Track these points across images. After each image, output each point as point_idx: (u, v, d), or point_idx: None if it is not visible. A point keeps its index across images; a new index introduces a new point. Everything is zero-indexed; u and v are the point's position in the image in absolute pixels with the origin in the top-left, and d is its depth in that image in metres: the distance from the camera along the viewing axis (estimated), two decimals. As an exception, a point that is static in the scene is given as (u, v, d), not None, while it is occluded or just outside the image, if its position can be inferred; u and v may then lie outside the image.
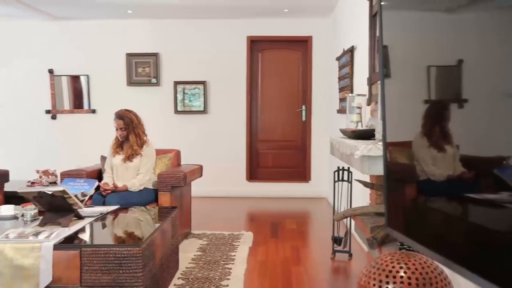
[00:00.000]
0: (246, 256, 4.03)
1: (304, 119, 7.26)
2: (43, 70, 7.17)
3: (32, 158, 6.92)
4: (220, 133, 7.21)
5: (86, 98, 7.24)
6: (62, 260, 2.51)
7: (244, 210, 6.44)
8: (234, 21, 7.11)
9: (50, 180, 4.79)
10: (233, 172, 7.20)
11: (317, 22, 7.08)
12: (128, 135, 4.18)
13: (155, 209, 3.80)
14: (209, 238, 4.61)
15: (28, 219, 3.08)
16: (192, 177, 4.52)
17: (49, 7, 6.47)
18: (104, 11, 6.70)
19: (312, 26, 7.11)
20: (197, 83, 7.15)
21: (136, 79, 7.18)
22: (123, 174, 4.18)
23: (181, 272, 3.56)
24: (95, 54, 7.17)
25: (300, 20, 7.07)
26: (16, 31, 7.15)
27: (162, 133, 6.40)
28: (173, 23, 7.14)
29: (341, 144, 3.01)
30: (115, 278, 2.51)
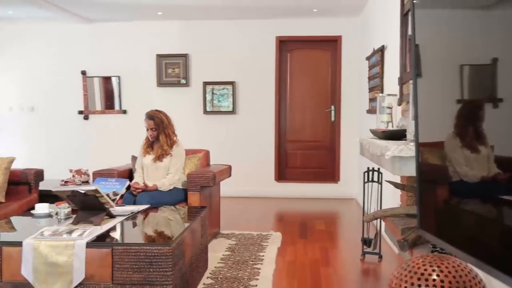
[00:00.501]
0: (275, 257, 4.02)
1: (333, 119, 7.21)
2: (76, 71, 7.33)
3: (65, 157, 7.08)
4: (249, 133, 7.23)
5: (117, 99, 7.36)
6: (94, 258, 2.56)
7: (273, 210, 6.43)
8: (263, 21, 7.12)
9: (83, 179, 4.89)
10: (262, 172, 7.21)
11: (346, 22, 7.02)
12: (158, 135, 4.23)
13: (185, 208, 3.84)
14: (238, 238, 4.62)
15: (62, 217, 3.15)
16: (221, 177, 4.55)
17: (82, 10, 6.61)
18: (135, 13, 6.81)
19: (341, 26, 7.05)
20: (226, 84, 7.18)
21: (166, 79, 7.26)
22: (153, 174, 4.23)
23: (210, 272, 3.58)
24: (126, 56, 7.29)
25: (329, 19, 7.02)
26: (51, 34, 7.33)
27: (191, 133, 6.45)
28: (202, 24, 7.19)
29: (371, 144, 2.97)
30: (146, 276, 2.55)
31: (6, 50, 7.38)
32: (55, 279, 2.53)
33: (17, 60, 7.39)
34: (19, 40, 7.36)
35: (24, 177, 4.32)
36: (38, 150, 7.31)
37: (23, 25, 7.29)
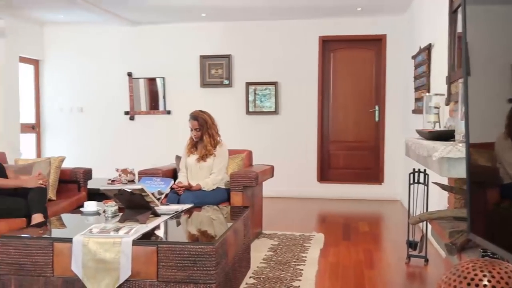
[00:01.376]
0: (317, 258, 3.99)
1: (377, 119, 7.09)
2: (123, 73, 7.52)
3: (112, 157, 7.28)
4: (291, 133, 7.21)
5: (161, 100, 7.50)
6: (140, 255, 2.61)
7: (315, 211, 6.39)
8: (306, 21, 7.08)
9: (129, 179, 5.00)
10: (304, 173, 7.17)
11: (391, 20, 6.89)
12: (202, 135, 4.28)
13: (227, 208, 3.87)
14: (280, 238, 4.62)
15: (109, 215, 3.24)
16: (263, 177, 4.56)
17: (129, 13, 6.78)
18: (179, 15, 6.92)
19: (386, 24, 6.93)
20: (269, 84, 7.19)
21: (209, 80, 7.34)
22: (197, 174, 4.29)
23: (252, 271, 3.59)
24: (170, 57, 7.42)
25: (374, 18, 6.91)
26: (99, 37, 7.56)
27: (234, 134, 6.49)
28: (245, 25, 7.23)
29: (418, 145, 2.90)
30: (190, 274, 2.58)
31: (57, 53, 7.66)
32: (103, 275, 2.61)
33: (67, 63, 7.65)
34: (68, 43, 7.62)
35: (74, 176, 4.46)
36: (86, 149, 7.54)
37: (73, 28, 7.54)
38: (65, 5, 6.30)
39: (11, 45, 6.88)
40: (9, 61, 6.88)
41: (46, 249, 2.65)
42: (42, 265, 2.65)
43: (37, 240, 2.71)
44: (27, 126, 7.50)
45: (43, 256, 2.65)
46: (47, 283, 2.65)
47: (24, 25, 7.18)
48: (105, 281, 2.60)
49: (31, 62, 7.59)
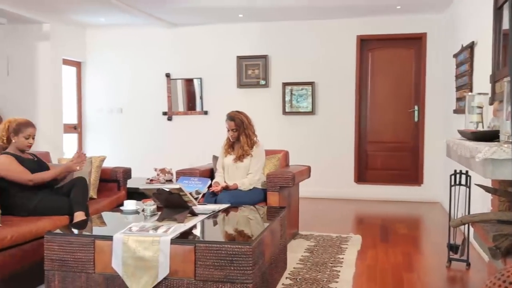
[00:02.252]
0: (355, 260, 3.94)
1: (416, 119, 6.95)
2: (161, 74, 7.64)
3: (150, 157, 7.40)
4: (328, 134, 7.15)
5: (198, 100, 7.58)
6: (178, 254, 2.64)
7: (352, 212, 6.32)
8: (344, 20, 7.01)
9: (167, 178, 5.06)
10: (341, 173, 7.10)
11: (432, 18, 6.74)
12: (239, 136, 4.30)
13: (264, 208, 3.87)
14: (317, 239, 4.58)
15: (148, 214, 3.29)
16: (300, 178, 4.54)
17: (167, 14, 6.89)
18: (216, 16, 6.97)
19: (426, 23, 6.78)
20: (305, 84, 7.15)
21: (246, 81, 7.37)
22: (233, 174, 4.31)
23: (289, 272, 3.58)
24: (207, 58, 7.48)
25: (414, 16, 6.77)
26: (138, 38, 7.70)
27: (270, 134, 6.49)
28: (282, 25, 7.22)
29: (460, 146, 2.82)
30: (227, 274, 2.59)
31: (98, 55, 7.85)
32: (142, 273, 2.65)
33: (107, 64, 7.84)
34: (109, 45, 7.80)
35: (114, 175, 4.55)
36: (126, 149, 7.70)
37: (113, 31, 7.72)
38: (106, 8, 6.45)
39: (55, 48, 7.11)
40: (53, 63, 7.11)
41: (87, 246, 2.72)
42: (84, 261, 2.72)
43: (79, 238, 2.78)
44: (69, 126, 7.72)
45: (85, 253, 2.72)
46: (88, 279, 2.72)
47: (67, 28, 7.40)
48: (144, 279, 2.64)
49: (74, 64, 7.81)
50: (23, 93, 7.04)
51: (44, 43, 7.02)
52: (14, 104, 6.96)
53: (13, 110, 6.80)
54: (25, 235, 3.12)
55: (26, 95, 7.04)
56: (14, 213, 3.50)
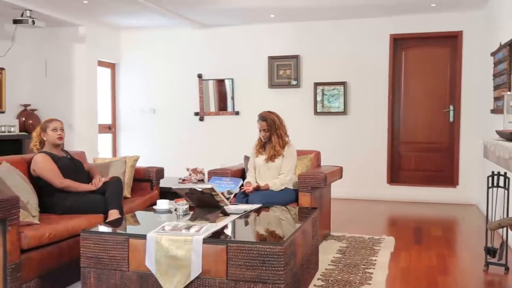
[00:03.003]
0: (388, 262, 3.89)
1: (451, 120, 6.79)
2: (193, 75, 7.71)
3: (182, 157, 7.48)
4: (360, 134, 7.07)
5: (230, 101, 7.62)
6: (210, 253, 2.66)
7: (385, 213, 6.23)
8: (377, 19, 6.92)
9: (198, 178, 5.10)
10: (373, 174, 7.01)
11: (468, 16, 6.58)
12: (270, 136, 4.29)
13: (295, 209, 3.85)
14: (349, 240, 4.54)
15: (180, 213, 3.32)
16: (332, 179, 4.50)
17: (199, 16, 6.95)
18: (248, 17, 6.99)
19: (462, 20, 6.62)
20: (337, 84, 7.09)
21: (277, 81, 7.36)
22: (265, 174, 4.31)
23: (320, 273, 3.55)
24: (239, 59, 7.51)
25: (449, 14, 6.63)
26: (170, 40, 7.80)
27: (302, 134, 6.45)
28: (313, 25, 7.18)
29: (498, 147, 2.75)
30: (259, 274, 2.59)
31: (132, 57, 7.99)
32: (175, 272, 2.68)
33: (140, 66, 7.96)
34: (142, 47, 7.93)
35: (147, 175, 4.62)
36: (158, 149, 7.80)
37: (147, 33, 7.83)
38: (140, 10, 6.56)
39: (90, 50, 7.27)
40: (88, 65, 7.27)
41: (122, 245, 2.77)
42: (118, 259, 2.77)
43: (114, 236, 2.83)
44: (104, 126, 7.88)
45: (119, 251, 2.77)
46: (123, 277, 2.77)
47: (102, 30, 7.55)
48: (177, 278, 2.67)
49: (108, 65, 7.97)
50: (59, 94, 7.23)
51: (80, 45, 7.19)
52: (51, 105, 7.16)
53: (50, 110, 6.99)
54: (62, 233, 3.20)
55: (63, 96, 7.23)
56: (52, 211, 3.59)
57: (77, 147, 6.60)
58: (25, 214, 3.13)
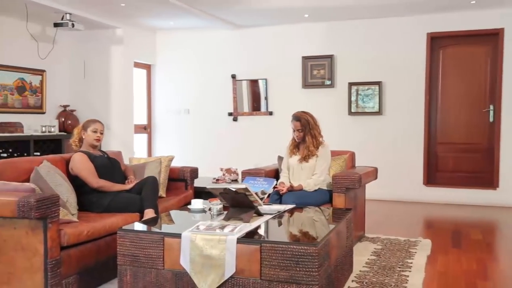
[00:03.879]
0: (424, 265, 3.80)
1: (491, 120, 6.60)
2: (227, 75, 7.76)
3: (216, 157, 7.54)
4: (396, 134, 6.96)
5: (263, 101, 7.62)
6: (244, 253, 2.66)
7: (421, 215, 6.10)
8: (413, 18, 6.80)
9: (232, 178, 5.12)
10: (409, 175, 6.89)
11: (510, 12, 6.38)
12: (304, 136, 4.27)
13: (329, 210, 3.82)
14: (384, 242, 4.47)
15: (215, 213, 3.34)
16: (366, 180, 4.44)
17: (233, 17, 6.98)
18: (282, 17, 6.98)
19: (504, 17, 6.43)
20: (372, 84, 7.00)
21: (311, 81, 7.32)
22: (299, 174, 4.28)
23: (355, 275, 3.51)
24: (272, 59, 7.51)
25: (490, 11, 6.44)
26: (205, 41, 7.86)
27: (336, 134, 6.41)
28: (348, 24, 7.11)
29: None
30: (292, 275, 2.58)
31: (167, 58, 8.10)
32: (209, 271, 2.70)
33: (175, 67, 8.06)
34: (177, 48, 8.03)
35: (182, 174, 4.67)
36: (192, 149, 7.89)
37: (181, 34, 7.93)
38: (175, 12, 6.65)
39: (127, 52, 7.41)
40: (125, 66, 7.42)
41: (157, 243, 2.81)
42: (154, 258, 2.81)
43: (150, 234, 2.87)
44: (139, 126, 8.02)
45: (155, 250, 2.81)
46: (158, 275, 2.81)
47: (138, 32, 7.69)
48: (211, 277, 2.69)
49: (144, 66, 8.11)
50: (97, 95, 7.41)
51: (117, 47, 7.34)
52: (89, 105, 7.34)
53: (88, 110, 7.18)
54: (99, 231, 3.27)
55: (100, 97, 7.40)
56: (90, 209, 3.68)
57: (113, 147, 6.74)
58: (65, 212, 3.22)
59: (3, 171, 3.35)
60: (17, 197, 2.83)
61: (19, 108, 6.66)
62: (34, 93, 6.88)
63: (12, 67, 6.52)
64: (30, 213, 2.77)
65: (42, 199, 2.82)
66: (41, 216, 2.81)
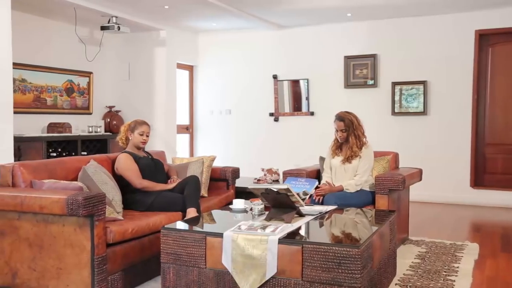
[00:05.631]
0: (472, 269, 3.69)
1: (543, 120, 6.33)
2: (268, 75, 7.76)
3: (257, 157, 7.56)
4: (441, 135, 6.78)
5: (304, 101, 7.58)
6: (285, 254, 2.66)
7: (468, 219, 5.91)
8: (460, 14, 6.60)
9: (273, 178, 5.13)
10: (455, 177, 6.69)
11: None
12: (348, 136, 4.21)
13: (372, 211, 3.76)
14: (428, 245, 4.36)
15: (256, 213, 3.35)
16: (411, 181, 4.35)
17: (275, 17, 6.99)
18: (324, 17, 6.93)
19: (556, 13, 6.16)
20: (417, 83, 6.85)
21: (353, 81, 7.23)
22: (341, 175, 4.24)
23: (398, 279, 3.44)
24: (314, 59, 7.47)
25: (541, 6, 6.19)
26: (246, 41, 7.90)
27: (378, 135, 6.31)
28: (392, 23, 6.99)
29: None
30: (334, 276, 2.56)
31: (209, 59, 8.19)
32: (250, 271, 2.71)
33: (217, 67, 8.14)
34: (219, 49, 8.10)
35: (223, 174, 4.70)
36: (233, 149, 7.94)
37: (223, 35, 8.00)
38: (218, 13, 6.71)
39: (170, 53, 7.54)
40: (168, 67, 7.55)
41: (199, 242, 2.84)
42: (196, 256, 2.84)
43: (192, 233, 2.91)
44: (182, 127, 8.14)
45: (197, 248, 2.84)
46: (200, 274, 2.84)
47: (181, 34, 7.81)
48: (252, 277, 2.70)
49: (186, 68, 8.23)
50: (141, 96, 7.57)
51: (160, 48, 7.48)
52: (133, 106, 7.51)
53: (133, 111, 7.34)
54: (143, 229, 3.34)
55: (144, 98, 7.56)
56: (134, 207, 3.76)
57: (156, 147, 6.88)
58: (110, 210, 3.31)
59: (54, 170, 3.48)
60: (66, 195, 2.92)
61: (67, 109, 6.89)
62: (81, 95, 7.10)
63: (61, 69, 6.75)
64: (78, 211, 2.86)
65: (89, 197, 2.90)
66: (88, 213, 2.89)
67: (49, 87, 6.61)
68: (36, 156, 5.80)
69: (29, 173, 3.31)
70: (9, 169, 3.30)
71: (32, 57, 6.32)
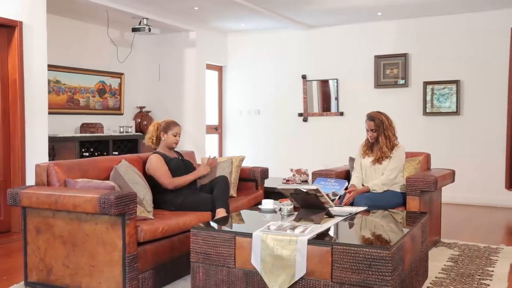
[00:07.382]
0: (507, 274, 3.59)
1: None
2: (297, 76, 7.74)
3: (286, 157, 7.54)
4: (475, 135, 6.62)
5: (334, 101, 7.53)
6: (315, 254, 2.64)
7: (503, 221, 5.76)
8: (494, 12, 6.44)
9: (302, 179, 5.11)
10: (489, 179, 6.53)
11: None
12: (378, 136, 4.16)
13: (403, 213, 3.70)
14: (461, 248, 4.27)
15: (285, 213, 3.34)
16: (443, 182, 4.26)
17: (304, 17, 6.96)
18: (354, 16, 6.87)
19: None
20: (449, 83, 6.71)
21: (384, 81, 7.14)
22: (371, 176, 4.19)
23: (430, 281, 3.38)
24: (343, 58, 7.40)
25: None
26: (275, 41, 7.90)
27: (410, 135, 6.20)
28: (423, 21, 6.87)
29: None
30: (364, 278, 2.53)
31: (238, 59, 8.21)
32: (280, 271, 2.70)
33: (246, 68, 8.16)
34: (248, 49, 8.12)
35: (252, 175, 4.71)
36: (262, 149, 7.94)
37: (252, 35, 8.01)
38: (248, 14, 6.73)
39: (199, 54, 7.60)
40: (197, 68, 7.61)
41: (229, 242, 2.85)
42: (225, 256, 2.86)
43: (222, 233, 2.93)
44: (211, 127, 8.20)
45: (226, 248, 2.85)
46: (229, 274, 2.85)
47: (210, 35, 7.86)
48: (281, 277, 2.69)
49: (216, 68, 8.27)
50: (171, 96, 7.65)
51: (190, 49, 7.55)
52: (163, 107, 7.60)
53: (163, 111, 7.43)
54: (173, 228, 3.38)
55: (174, 98, 7.64)
56: (164, 207, 3.80)
57: (186, 147, 6.94)
58: (141, 209, 3.35)
59: (86, 170, 3.55)
60: (99, 194, 2.98)
61: (99, 109, 7.03)
62: (113, 95, 7.23)
63: (94, 70, 6.89)
64: (110, 210, 2.91)
65: (121, 196, 2.95)
66: (120, 212, 2.94)
67: (82, 88, 6.75)
68: (69, 156, 5.93)
69: (63, 172, 3.39)
70: (44, 169, 3.39)
71: (65, 59, 6.47)
